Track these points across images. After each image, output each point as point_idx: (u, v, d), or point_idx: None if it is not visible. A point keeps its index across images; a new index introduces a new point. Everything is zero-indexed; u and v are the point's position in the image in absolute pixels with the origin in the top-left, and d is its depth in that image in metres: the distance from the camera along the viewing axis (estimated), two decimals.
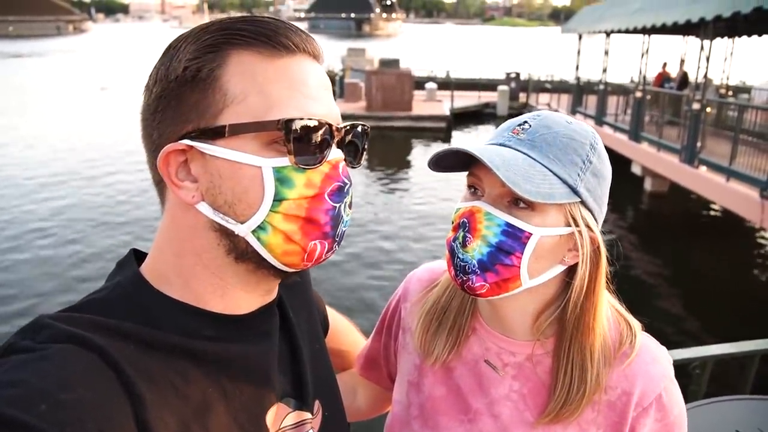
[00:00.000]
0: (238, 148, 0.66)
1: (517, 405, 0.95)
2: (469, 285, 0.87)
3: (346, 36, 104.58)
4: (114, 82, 30.66)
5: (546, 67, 29.20)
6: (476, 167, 0.88)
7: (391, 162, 15.59)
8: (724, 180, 9.15)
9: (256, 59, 0.67)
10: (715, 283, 8.88)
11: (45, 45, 66.46)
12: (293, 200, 0.68)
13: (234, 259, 0.71)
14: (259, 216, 0.68)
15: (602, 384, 0.90)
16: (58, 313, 0.65)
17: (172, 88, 0.67)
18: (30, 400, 0.53)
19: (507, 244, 0.84)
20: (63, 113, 22.01)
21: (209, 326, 0.71)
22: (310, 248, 0.70)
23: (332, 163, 0.72)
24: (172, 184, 0.69)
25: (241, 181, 0.67)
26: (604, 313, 0.93)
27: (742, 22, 11.43)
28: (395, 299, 1.16)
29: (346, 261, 8.81)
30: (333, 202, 0.71)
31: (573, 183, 0.85)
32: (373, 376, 1.22)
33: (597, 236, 0.88)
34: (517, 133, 0.88)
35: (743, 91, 17.02)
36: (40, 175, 13.31)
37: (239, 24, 0.68)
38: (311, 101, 0.69)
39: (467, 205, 0.89)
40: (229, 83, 0.66)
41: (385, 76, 20.02)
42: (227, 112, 0.66)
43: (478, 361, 1.00)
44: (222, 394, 0.69)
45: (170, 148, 0.67)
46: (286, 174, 0.67)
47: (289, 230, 0.68)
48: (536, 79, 24.33)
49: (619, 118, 14.54)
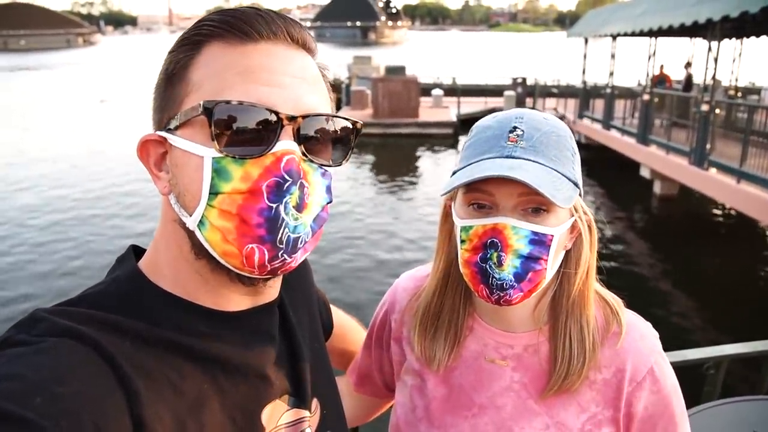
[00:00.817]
0: (190, 137, 0.65)
1: (519, 394, 0.98)
2: (506, 299, 0.89)
3: (352, 44, 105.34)
4: (114, 95, 30.93)
5: (552, 71, 29.28)
6: (484, 182, 0.87)
7: (398, 169, 15.61)
8: (735, 182, 9.08)
9: (223, 49, 0.66)
10: (728, 284, 8.79)
11: (53, 58, 67.50)
12: (227, 194, 0.63)
13: (195, 254, 0.68)
14: (200, 210, 0.64)
15: (598, 352, 0.95)
16: (53, 306, 0.65)
17: (160, 84, 0.70)
18: (25, 393, 0.52)
19: (536, 251, 0.88)
20: (61, 125, 22.20)
21: (203, 322, 0.70)
22: (246, 252, 0.63)
23: (276, 155, 0.64)
24: (152, 174, 0.71)
25: (188, 172, 0.65)
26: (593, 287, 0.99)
27: (750, 23, 11.38)
28: (382, 311, 1.17)
29: (349, 262, 8.81)
30: (269, 201, 0.63)
31: (574, 178, 0.91)
32: (368, 390, 1.23)
33: (590, 217, 0.96)
34: (516, 141, 0.89)
35: (752, 92, 16.89)
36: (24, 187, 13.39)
37: (217, 16, 0.69)
38: (264, 87, 0.65)
39: (487, 223, 0.88)
40: (192, 73, 0.67)
41: (391, 83, 20.09)
42: (187, 101, 0.66)
43: (477, 358, 1.02)
44: (217, 391, 0.69)
45: (145, 137, 0.70)
46: (223, 165, 0.63)
47: (224, 228, 0.63)
48: (543, 84, 24.35)
49: (626, 122, 14.48)
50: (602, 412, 0.95)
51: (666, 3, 12.28)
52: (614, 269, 9.09)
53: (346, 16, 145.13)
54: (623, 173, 13.69)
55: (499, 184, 0.86)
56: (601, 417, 0.95)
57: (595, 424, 0.95)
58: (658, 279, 9.13)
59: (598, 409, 0.95)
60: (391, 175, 14.97)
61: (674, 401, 0.97)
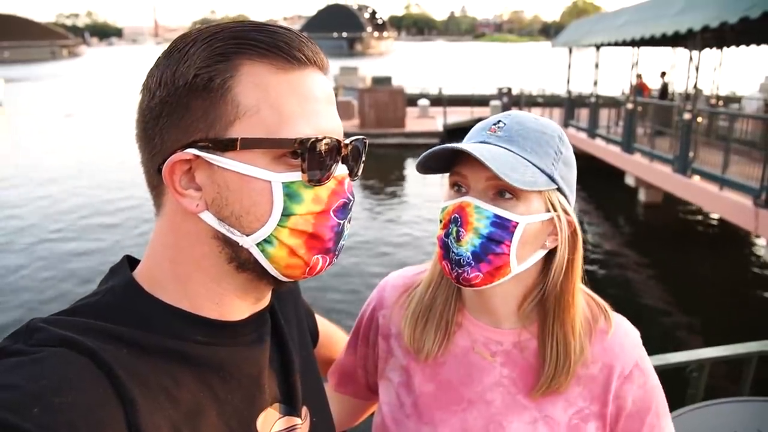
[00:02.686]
0: (248, 161, 0.66)
1: (509, 389, 1.00)
2: (464, 277, 0.91)
3: (339, 55, 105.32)
4: (81, 108, 29.90)
5: (537, 81, 29.48)
6: (461, 165, 0.94)
7: (384, 178, 15.62)
8: (718, 189, 9.19)
9: (268, 71, 0.66)
10: (712, 290, 8.89)
11: (36, 70, 66.60)
12: (300, 216, 0.68)
13: (235, 267, 0.71)
14: (266, 230, 0.68)
15: (586, 353, 0.97)
16: (50, 316, 0.64)
17: (181, 94, 0.65)
18: (22, 403, 0.52)
19: (497, 234, 0.89)
20: (18, 140, 21.55)
21: (201, 331, 0.71)
22: (313, 262, 0.71)
23: (338, 179, 0.72)
24: (175, 192, 0.67)
25: (250, 194, 0.66)
26: (581, 291, 1.01)
27: (730, 33, 11.57)
28: (369, 309, 1.17)
29: (335, 276, 8.79)
30: (337, 218, 0.71)
31: (550, 172, 0.92)
32: (350, 390, 1.22)
33: (573, 219, 0.95)
34: (494, 131, 0.94)
35: (733, 101, 17.15)
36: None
37: (253, 33, 0.67)
38: (321, 117, 0.69)
39: (455, 202, 0.93)
40: (240, 95, 0.65)
41: (377, 93, 20.17)
42: (238, 125, 0.65)
43: (466, 354, 1.03)
44: (214, 399, 0.69)
45: (177, 157, 0.65)
46: (294, 189, 0.67)
47: (295, 245, 0.69)
48: (528, 93, 24.49)
49: (611, 130, 14.63)
50: (589, 407, 0.98)
51: (647, 13, 12.46)
52: (600, 276, 9.16)
53: (332, 27, 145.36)
54: (608, 181, 13.82)
55: (472, 167, 0.91)
56: (588, 411, 0.98)
57: (582, 418, 0.97)
58: (643, 285, 9.20)
59: (585, 404, 0.98)
60: (377, 184, 14.97)
61: (658, 397, 1.00)
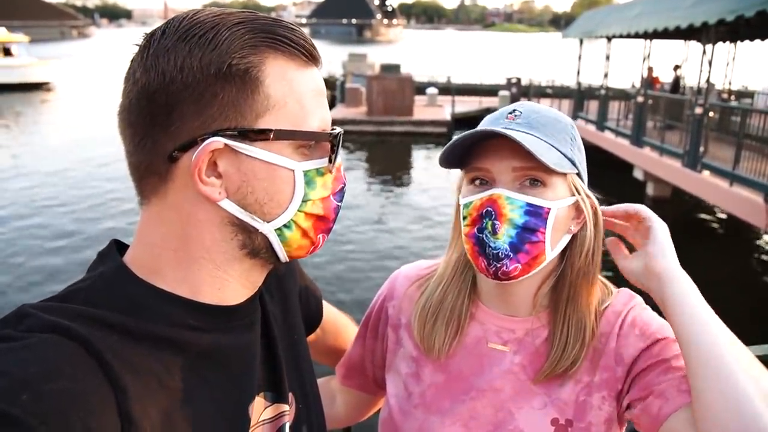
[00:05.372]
0: (276, 151, 0.70)
1: (519, 376, 0.99)
2: (503, 271, 0.90)
3: (348, 41, 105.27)
4: (60, 90, 29.76)
5: (547, 72, 29.32)
6: (481, 159, 0.93)
7: (391, 166, 15.60)
8: (728, 184, 9.14)
9: (291, 67, 0.71)
10: (720, 287, 8.79)
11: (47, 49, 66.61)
12: (313, 201, 0.74)
13: (246, 254, 0.73)
14: (287, 215, 0.73)
15: (596, 333, 0.97)
16: (40, 302, 0.64)
17: (209, 81, 0.65)
18: (12, 390, 0.52)
19: (532, 222, 0.89)
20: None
21: (194, 317, 0.71)
22: (317, 241, 0.78)
23: (337, 166, 0.78)
24: (198, 181, 0.67)
25: (275, 182, 0.71)
26: None
27: (745, 27, 11.44)
28: (379, 300, 1.17)
29: (344, 261, 8.79)
30: (336, 201, 0.79)
31: (570, 156, 0.93)
32: (356, 383, 1.21)
33: (594, 201, 0.97)
34: (513, 119, 0.94)
35: (746, 96, 16.96)
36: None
37: (277, 28, 0.70)
38: (325, 110, 0.76)
39: (483, 195, 0.92)
40: (270, 87, 0.69)
41: (386, 81, 20.08)
42: (268, 116, 0.69)
43: (478, 344, 1.02)
44: (205, 385, 0.70)
45: (211, 146, 0.66)
46: (311, 177, 0.74)
47: (307, 227, 0.75)
48: (537, 84, 24.39)
49: (620, 123, 14.54)
50: (593, 379, 0.96)
51: (661, 5, 12.33)
52: (606, 271, 9.11)
53: (341, 13, 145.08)
54: (617, 175, 13.74)
55: (494, 159, 0.91)
56: (592, 384, 0.96)
57: (587, 393, 0.96)
58: None
59: (590, 377, 0.96)
60: (384, 172, 14.96)
61: (662, 343, 0.92)
